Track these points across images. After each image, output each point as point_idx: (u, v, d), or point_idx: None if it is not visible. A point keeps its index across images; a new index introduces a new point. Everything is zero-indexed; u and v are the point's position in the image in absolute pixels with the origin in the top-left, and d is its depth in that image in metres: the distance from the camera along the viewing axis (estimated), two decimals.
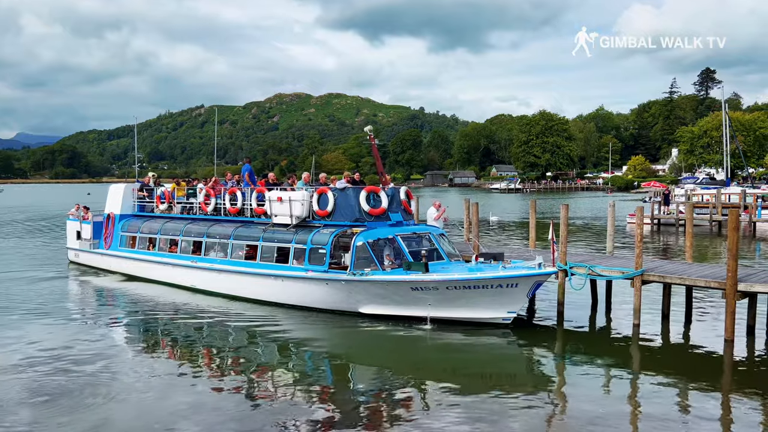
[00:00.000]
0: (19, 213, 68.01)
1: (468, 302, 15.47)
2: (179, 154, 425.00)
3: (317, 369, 13.43)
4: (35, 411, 10.62)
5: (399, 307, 16.22)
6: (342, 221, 17.76)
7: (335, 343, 15.40)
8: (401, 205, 18.68)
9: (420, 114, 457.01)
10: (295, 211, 18.35)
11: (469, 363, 13.63)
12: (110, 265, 25.13)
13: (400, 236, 17.20)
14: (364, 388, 12.04)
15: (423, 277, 15.44)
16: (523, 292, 15.21)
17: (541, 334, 15.78)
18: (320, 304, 17.50)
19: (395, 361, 13.80)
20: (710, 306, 18.27)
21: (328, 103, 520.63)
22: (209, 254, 20.77)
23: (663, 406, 10.78)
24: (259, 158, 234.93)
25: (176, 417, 10.40)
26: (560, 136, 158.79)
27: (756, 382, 12.20)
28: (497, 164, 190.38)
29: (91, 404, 10.88)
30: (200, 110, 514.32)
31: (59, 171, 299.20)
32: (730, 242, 13.88)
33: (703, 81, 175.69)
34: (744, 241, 37.21)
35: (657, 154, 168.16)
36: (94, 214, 26.78)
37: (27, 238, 41.40)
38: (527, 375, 13.02)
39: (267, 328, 16.44)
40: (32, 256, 30.94)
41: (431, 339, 15.11)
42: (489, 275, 15.11)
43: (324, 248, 17.12)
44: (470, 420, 10.14)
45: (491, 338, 15.09)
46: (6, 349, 14.27)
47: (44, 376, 12.36)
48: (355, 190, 17.99)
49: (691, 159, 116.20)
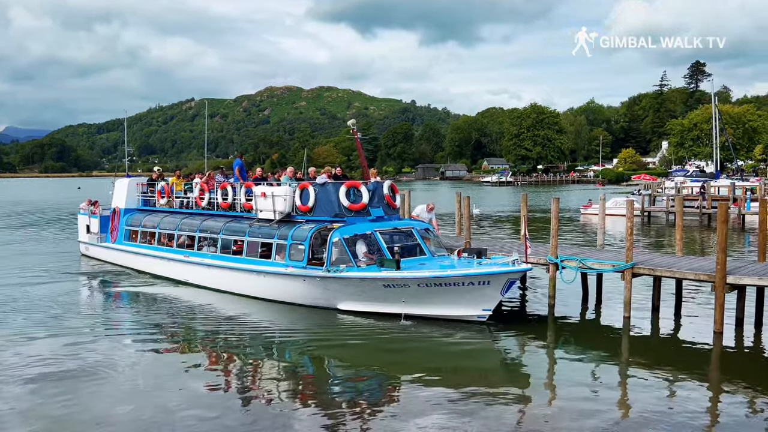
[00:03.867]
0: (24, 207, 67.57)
1: (442, 299, 15.34)
2: (170, 148, 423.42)
3: (293, 366, 13.29)
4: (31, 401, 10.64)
5: (375, 303, 16.17)
6: (322, 217, 17.66)
7: (312, 340, 15.22)
8: (384, 200, 18.53)
9: (411, 107, 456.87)
10: (277, 207, 18.30)
11: (458, 356, 13.68)
12: (116, 259, 25.62)
13: (379, 232, 17.04)
14: (350, 384, 12.08)
15: (393, 274, 15.34)
16: (496, 289, 14.92)
17: (532, 327, 15.85)
18: (300, 300, 17.49)
19: (377, 356, 13.81)
20: (700, 298, 18.42)
21: (320, 96, 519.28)
22: (202, 249, 20.81)
23: (652, 397, 10.89)
24: (250, 152, 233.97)
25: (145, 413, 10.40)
26: (551, 129, 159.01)
27: (744, 373, 12.34)
28: (489, 157, 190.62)
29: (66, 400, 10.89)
30: (191, 104, 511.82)
31: (49, 165, 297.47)
32: (720, 235, 14.00)
33: (694, 74, 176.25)
34: (733, 233, 37.51)
35: (647, 147, 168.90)
36: (103, 208, 27.47)
37: (38, 231, 41.23)
38: (517, 368, 13.10)
39: (248, 324, 16.48)
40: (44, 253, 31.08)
41: (418, 332, 15.08)
42: (459, 272, 14.94)
43: (303, 244, 17.09)
44: (459, 413, 10.20)
45: (482, 331, 15.15)
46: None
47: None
48: (334, 186, 17.89)
49: (681, 152, 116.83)
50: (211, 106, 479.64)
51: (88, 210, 27.90)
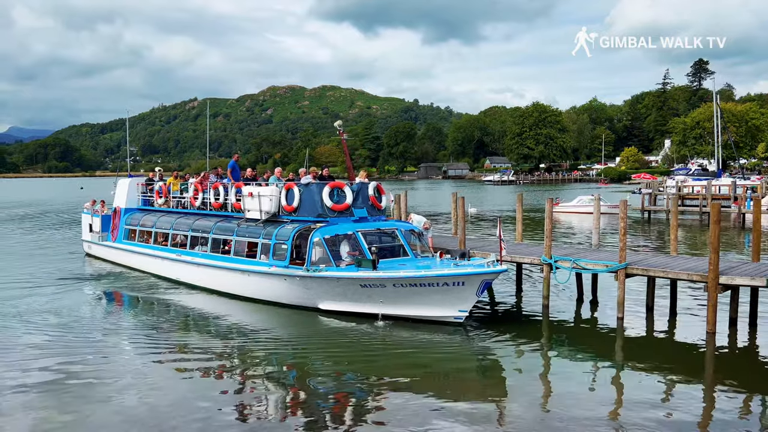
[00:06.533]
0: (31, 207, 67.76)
1: (418, 300, 15.32)
2: (173, 148, 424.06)
3: (270, 367, 13.18)
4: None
5: (353, 303, 16.20)
6: (306, 217, 17.81)
7: (294, 339, 15.21)
8: (368, 201, 18.58)
9: (414, 106, 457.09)
10: (264, 207, 18.47)
11: (450, 356, 13.64)
12: (116, 258, 26.04)
13: (361, 232, 17.07)
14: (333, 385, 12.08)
15: (369, 274, 15.36)
16: (471, 291, 14.81)
17: (525, 327, 15.81)
18: (283, 299, 17.59)
19: (361, 358, 13.82)
20: (694, 298, 18.35)
21: (322, 95, 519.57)
22: (194, 248, 20.95)
23: (645, 398, 10.84)
24: (253, 151, 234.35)
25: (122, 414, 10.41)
26: (553, 128, 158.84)
27: (736, 373, 12.29)
28: (491, 156, 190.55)
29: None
30: (193, 103, 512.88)
31: (52, 165, 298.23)
32: (712, 236, 13.95)
33: (696, 72, 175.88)
34: (733, 232, 37.45)
35: (650, 146, 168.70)
36: (108, 207, 28.15)
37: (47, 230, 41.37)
38: (510, 368, 13.03)
39: (232, 324, 16.54)
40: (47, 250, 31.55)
41: (407, 332, 15.06)
42: (432, 273, 14.93)
43: (286, 243, 17.20)
44: (453, 414, 10.18)
45: (475, 331, 15.14)
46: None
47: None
48: (318, 186, 17.99)
49: (684, 150, 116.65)
50: (213, 106, 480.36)
51: (92, 210, 28.67)
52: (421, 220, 19.52)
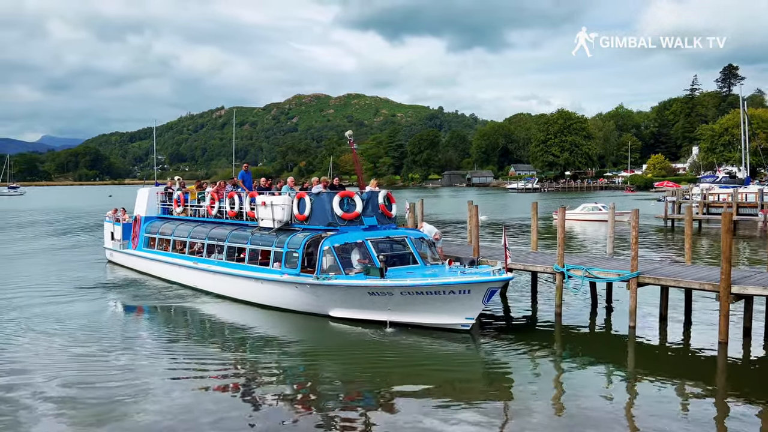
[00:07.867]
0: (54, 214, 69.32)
1: (425, 308, 15.45)
2: (200, 156, 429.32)
3: (281, 374, 13.33)
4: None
5: (363, 311, 16.40)
6: (317, 225, 18.12)
7: (302, 348, 15.29)
8: (378, 210, 18.83)
9: (439, 113, 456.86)
10: (276, 215, 18.84)
11: (465, 364, 13.74)
12: (136, 265, 26.59)
13: (371, 240, 17.32)
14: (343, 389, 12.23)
15: (376, 282, 15.58)
16: (477, 298, 14.91)
17: (538, 335, 15.81)
18: (295, 307, 17.88)
19: (365, 360, 13.96)
20: (708, 308, 18.14)
21: (347, 103, 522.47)
22: (210, 256, 21.34)
23: (656, 407, 10.83)
24: (278, 159, 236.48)
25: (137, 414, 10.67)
26: (579, 135, 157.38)
27: (747, 384, 12.17)
28: (515, 163, 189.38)
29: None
30: (220, 112, 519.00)
31: (83, 173, 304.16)
32: (723, 245, 13.85)
33: (726, 77, 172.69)
34: (759, 241, 36.76)
35: (678, 153, 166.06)
36: (129, 215, 28.88)
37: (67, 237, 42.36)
38: (521, 376, 13.02)
39: (243, 329, 16.89)
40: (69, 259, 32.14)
41: (414, 338, 15.18)
42: (438, 281, 15.06)
43: (297, 252, 17.49)
44: (467, 423, 10.26)
45: (487, 339, 15.19)
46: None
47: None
48: (328, 195, 18.32)
49: (712, 157, 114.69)
50: (240, 114, 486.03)
51: (113, 218, 29.43)
52: (432, 230, 19.62)
